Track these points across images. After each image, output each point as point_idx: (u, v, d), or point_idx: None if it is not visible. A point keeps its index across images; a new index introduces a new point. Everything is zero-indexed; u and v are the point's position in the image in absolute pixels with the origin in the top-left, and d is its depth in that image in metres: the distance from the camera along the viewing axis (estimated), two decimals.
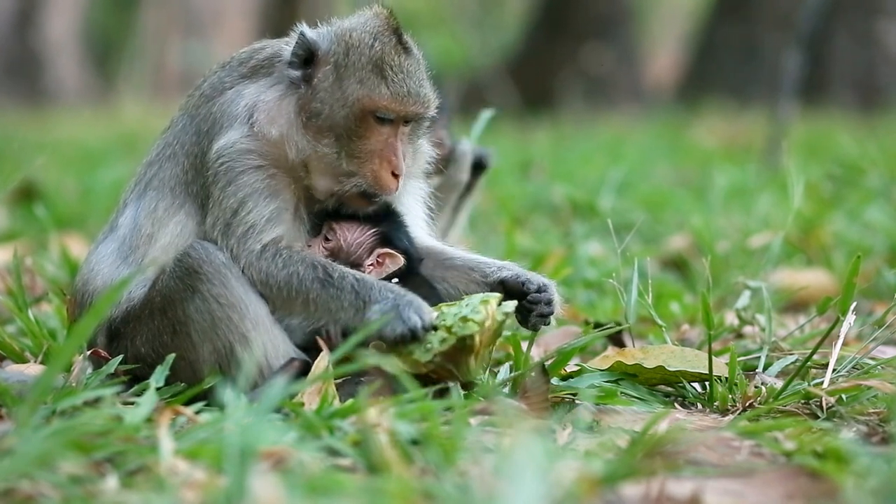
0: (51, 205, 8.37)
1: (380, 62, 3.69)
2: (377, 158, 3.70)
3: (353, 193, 3.71)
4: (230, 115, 3.75)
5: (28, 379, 3.63)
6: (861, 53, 20.29)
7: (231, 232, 3.65)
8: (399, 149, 3.71)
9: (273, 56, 3.82)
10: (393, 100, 3.68)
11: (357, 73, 3.69)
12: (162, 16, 35.25)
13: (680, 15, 36.70)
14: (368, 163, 3.69)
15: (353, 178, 3.69)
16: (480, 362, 3.59)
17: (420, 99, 3.72)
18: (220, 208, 3.67)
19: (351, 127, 3.69)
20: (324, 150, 3.69)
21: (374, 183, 3.70)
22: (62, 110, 24.25)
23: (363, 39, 3.71)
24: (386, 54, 3.69)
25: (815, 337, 4.35)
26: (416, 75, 3.73)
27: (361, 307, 3.55)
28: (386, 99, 3.67)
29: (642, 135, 16.89)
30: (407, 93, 3.69)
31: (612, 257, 6.00)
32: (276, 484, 2.56)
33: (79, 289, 3.86)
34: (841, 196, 8.88)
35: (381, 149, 3.70)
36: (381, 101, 3.67)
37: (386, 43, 3.71)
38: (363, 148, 3.69)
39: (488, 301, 3.57)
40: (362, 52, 3.70)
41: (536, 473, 2.47)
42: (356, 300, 3.56)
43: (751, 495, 2.85)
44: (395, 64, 3.69)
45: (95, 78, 32.68)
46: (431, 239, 3.94)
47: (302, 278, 3.60)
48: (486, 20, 30.50)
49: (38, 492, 2.66)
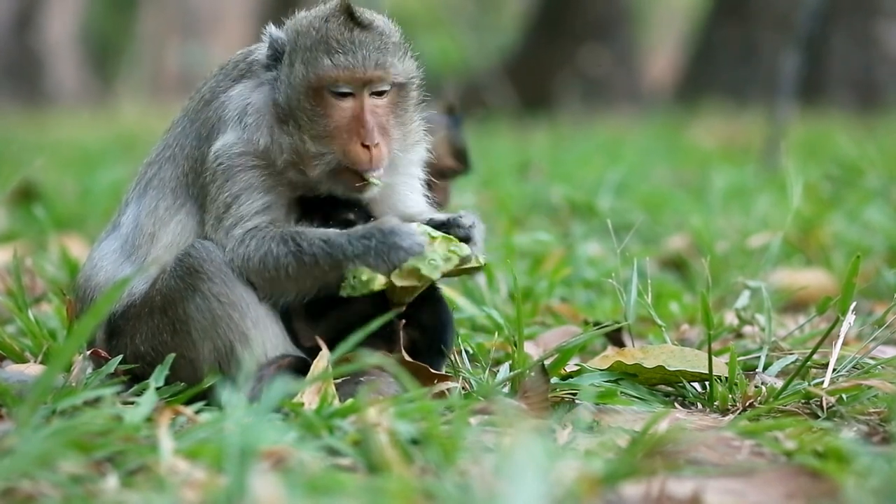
0: (50, 205, 8.37)
1: (325, 38, 3.65)
2: (344, 133, 3.65)
3: (332, 171, 3.66)
4: (224, 119, 3.75)
5: (28, 379, 3.63)
6: (859, 54, 20.30)
7: (221, 225, 3.66)
8: (367, 120, 3.65)
9: (255, 60, 3.83)
10: (337, 69, 3.63)
11: (303, 55, 3.67)
12: (160, 18, 35.29)
13: (678, 16, 36.71)
14: (336, 139, 3.65)
15: (324, 156, 3.66)
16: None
17: (373, 63, 3.65)
18: (215, 205, 3.68)
19: (307, 107, 3.66)
20: (291, 140, 3.67)
21: (345, 157, 3.65)
22: (61, 112, 24.27)
23: (312, 23, 3.70)
24: (331, 31, 3.66)
25: (815, 337, 4.35)
26: (370, 45, 3.66)
27: (338, 265, 3.55)
28: (330, 69, 3.63)
29: (641, 135, 16.89)
30: (354, 60, 3.64)
31: (611, 257, 6.00)
32: (276, 483, 2.55)
33: (81, 285, 3.87)
34: (840, 196, 8.88)
35: (346, 123, 3.65)
36: (326, 72, 3.63)
37: (333, 21, 3.67)
38: (326, 126, 3.66)
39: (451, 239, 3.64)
40: (309, 35, 3.68)
41: (537, 473, 2.47)
42: (332, 261, 3.56)
43: (751, 495, 2.85)
44: (340, 38, 3.65)
45: (94, 79, 32.70)
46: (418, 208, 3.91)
47: (276, 256, 3.59)
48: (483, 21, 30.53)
49: (39, 491, 2.66)
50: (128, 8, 36.54)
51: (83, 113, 24.36)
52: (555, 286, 5.52)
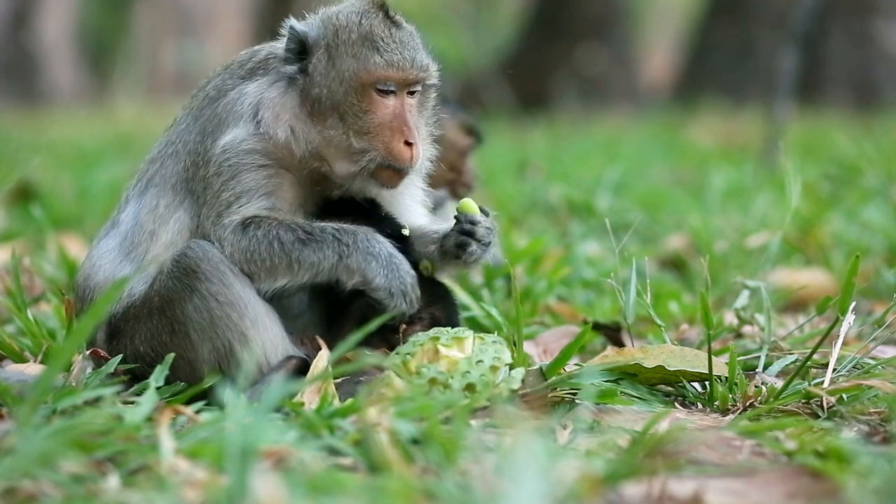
0: (47, 205, 8.36)
1: (370, 35, 3.70)
2: (387, 130, 3.69)
3: (372, 169, 3.70)
4: (235, 114, 3.76)
5: (28, 378, 3.63)
6: (857, 53, 20.30)
7: (220, 222, 3.67)
8: (409, 119, 3.71)
9: (269, 56, 3.84)
10: (389, 67, 3.69)
11: (349, 50, 3.70)
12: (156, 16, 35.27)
13: (675, 15, 36.72)
14: (379, 136, 3.69)
15: (367, 153, 3.69)
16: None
17: (417, 64, 3.73)
18: (217, 200, 3.69)
19: (353, 103, 3.69)
20: (331, 134, 3.70)
21: (388, 155, 3.69)
22: (57, 111, 24.23)
23: (350, 18, 3.74)
24: (375, 27, 3.71)
25: (815, 336, 4.35)
26: (410, 44, 3.74)
27: (345, 252, 3.60)
28: (382, 68, 3.68)
29: (638, 135, 16.89)
30: (402, 59, 3.70)
31: (610, 257, 6.00)
32: (276, 483, 2.55)
33: (80, 284, 3.87)
34: (838, 195, 8.89)
35: (390, 120, 3.70)
36: (378, 70, 3.69)
37: (373, 18, 3.73)
38: (371, 122, 3.69)
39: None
40: (351, 30, 3.72)
41: (538, 473, 2.47)
42: (339, 246, 3.60)
43: (752, 495, 2.84)
44: (385, 35, 3.71)
45: (90, 78, 32.67)
46: (420, 220, 3.93)
47: (283, 241, 3.62)
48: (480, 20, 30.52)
49: (40, 491, 2.66)
50: (123, 6, 36.50)
51: (79, 112, 24.33)
52: (554, 286, 5.52)
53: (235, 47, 5.08)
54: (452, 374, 3.48)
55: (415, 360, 3.51)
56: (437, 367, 3.49)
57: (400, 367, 3.50)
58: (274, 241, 3.62)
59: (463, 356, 3.51)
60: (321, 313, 3.84)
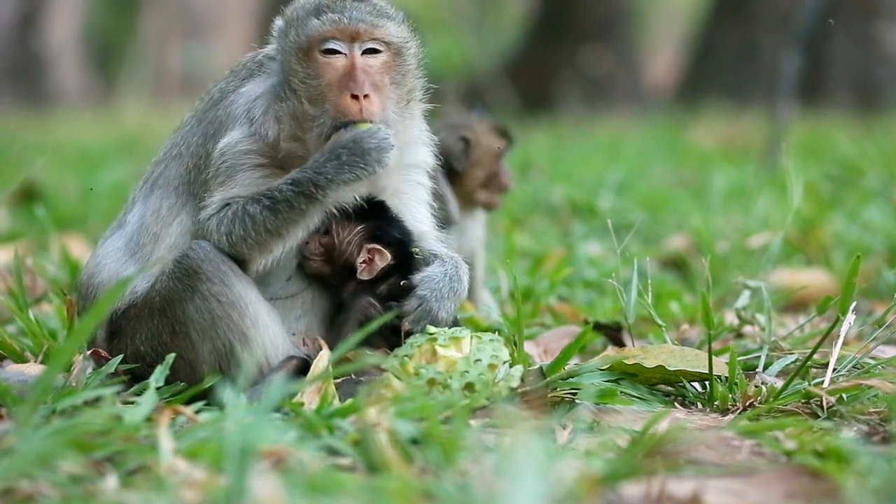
0: (51, 206, 8.38)
1: (316, 6, 3.73)
2: (336, 89, 3.67)
3: (327, 132, 3.67)
4: (232, 116, 3.78)
5: (28, 379, 3.63)
6: (859, 54, 20.27)
7: (202, 215, 3.69)
8: (357, 74, 3.66)
9: (264, 56, 3.85)
10: (324, 25, 3.68)
11: (296, 23, 3.73)
12: (162, 18, 35.28)
13: (678, 17, 36.70)
14: (329, 97, 3.68)
15: (319, 118, 3.68)
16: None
17: (359, 18, 3.69)
18: (213, 200, 3.70)
19: (299, 70, 3.69)
20: (293, 108, 3.69)
21: (337, 112, 3.66)
22: (63, 112, 24.23)
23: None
24: (322, 1, 3.73)
25: (815, 336, 4.34)
26: (362, 8, 3.71)
27: (313, 199, 3.60)
28: (317, 28, 3.68)
29: (641, 136, 16.87)
30: (341, 17, 3.68)
31: (612, 257, 6.01)
32: (276, 483, 2.56)
33: (84, 281, 3.88)
34: (840, 196, 8.88)
35: (337, 80, 3.68)
36: (314, 31, 3.68)
37: None
38: (320, 85, 3.68)
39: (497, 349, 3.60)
40: (303, 7, 3.76)
41: (537, 473, 2.47)
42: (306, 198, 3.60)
43: (752, 494, 2.84)
44: (331, 3, 3.72)
45: (96, 80, 32.68)
46: (424, 225, 3.92)
47: (254, 217, 3.62)
48: (484, 22, 30.52)
49: (38, 491, 2.66)
50: (129, 8, 36.52)
51: (85, 113, 24.33)
52: (555, 286, 5.52)
53: (241, 50, 5.14)
54: (451, 374, 3.48)
55: (413, 362, 3.52)
56: (436, 368, 3.50)
57: (398, 369, 3.50)
58: (245, 217, 3.62)
59: (461, 356, 3.52)
60: (322, 314, 3.84)
